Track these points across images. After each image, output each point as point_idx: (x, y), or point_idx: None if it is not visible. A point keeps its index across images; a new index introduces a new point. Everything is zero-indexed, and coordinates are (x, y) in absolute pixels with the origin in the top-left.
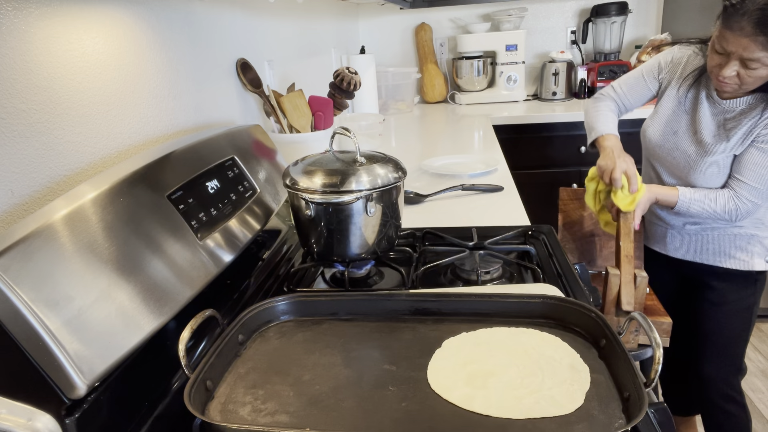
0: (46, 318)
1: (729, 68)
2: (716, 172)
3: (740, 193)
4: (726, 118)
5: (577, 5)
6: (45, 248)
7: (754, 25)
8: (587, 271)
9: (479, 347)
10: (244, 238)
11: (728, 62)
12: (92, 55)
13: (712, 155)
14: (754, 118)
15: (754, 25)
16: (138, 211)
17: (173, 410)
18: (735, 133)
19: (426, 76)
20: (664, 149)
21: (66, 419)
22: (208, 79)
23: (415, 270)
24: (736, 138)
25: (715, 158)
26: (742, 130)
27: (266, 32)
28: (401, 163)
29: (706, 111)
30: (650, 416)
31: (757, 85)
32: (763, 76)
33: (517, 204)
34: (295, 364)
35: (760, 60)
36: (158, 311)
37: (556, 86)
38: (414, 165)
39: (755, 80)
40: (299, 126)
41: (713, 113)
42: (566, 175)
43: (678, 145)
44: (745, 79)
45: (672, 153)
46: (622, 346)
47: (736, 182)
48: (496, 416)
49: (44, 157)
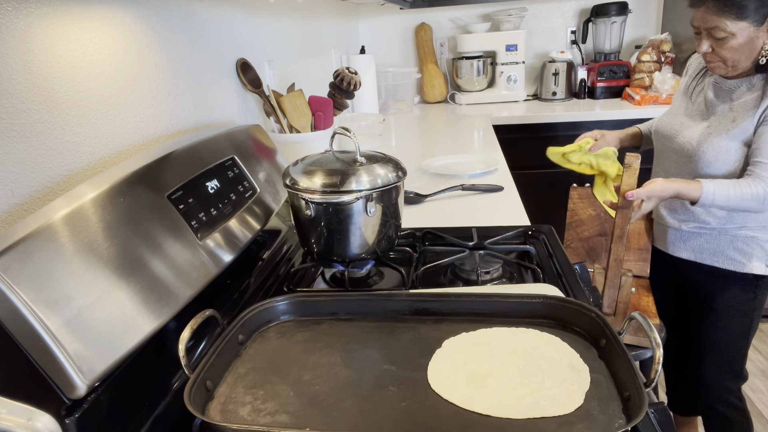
0: (46, 318)
1: (702, 45)
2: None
3: (762, 174)
4: (732, 99)
5: (577, 5)
6: (45, 248)
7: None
8: (587, 271)
9: (479, 347)
10: (244, 238)
11: (700, 39)
12: (92, 55)
13: (718, 137)
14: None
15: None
16: (138, 211)
17: (173, 410)
18: (741, 115)
19: (426, 76)
20: (669, 138)
21: (66, 419)
22: (208, 79)
23: (415, 270)
24: (742, 120)
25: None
26: (748, 112)
27: (266, 32)
28: (401, 163)
29: (712, 96)
30: (650, 416)
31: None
32: (735, 47)
33: (517, 204)
34: (295, 364)
35: (721, 28)
36: (158, 311)
37: (556, 86)
38: (414, 165)
39: (733, 53)
40: (299, 126)
41: (719, 97)
42: (566, 175)
43: (682, 131)
44: (722, 54)
45: (676, 139)
46: (622, 346)
47: (756, 165)
48: (496, 416)
49: (44, 157)
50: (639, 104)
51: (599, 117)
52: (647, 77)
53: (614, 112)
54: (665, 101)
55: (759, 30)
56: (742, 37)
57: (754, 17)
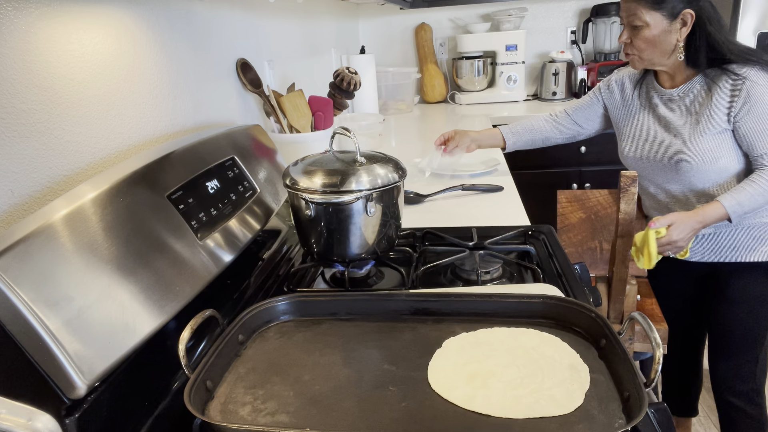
0: (46, 318)
1: (623, 34)
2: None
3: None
4: (685, 104)
5: (577, 5)
6: (45, 248)
7: None
8: (587, 271)
9: (479, 347)
10: (244, 238)
11: (623, 29)
12: (92, 55)
13: (693, 141)
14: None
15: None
16: (138, 211)
17: (173, 410)
18: (703, 113)
19: (426, 76)
20: (644, 160)
21: (66, 419)
22: (208, 79)
23: (415, 270)
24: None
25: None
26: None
27: (266, 32)
28: (401, 163)
29: (662, 106)
30: (650, 416)
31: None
32: (649, 38)
33: (517, 204)
34: (295, 364)
35: (638, 16)
36: (158, 311)
37: (556, 86)
38: (414, 165)
39: (647, 45)
40: (299, 126)
41: (670, 105)
42: (566, 175)
43: (655, 149)
44: (638, 45)
45: (654, 158)
46: (622, 346)
47: (761, 158)
48: (496, 416)
49: (44, 157)
50: None
51: None
52: None
53: None
54: None
55: (672, 25)
56: (656, 29)
57: (668, 10)
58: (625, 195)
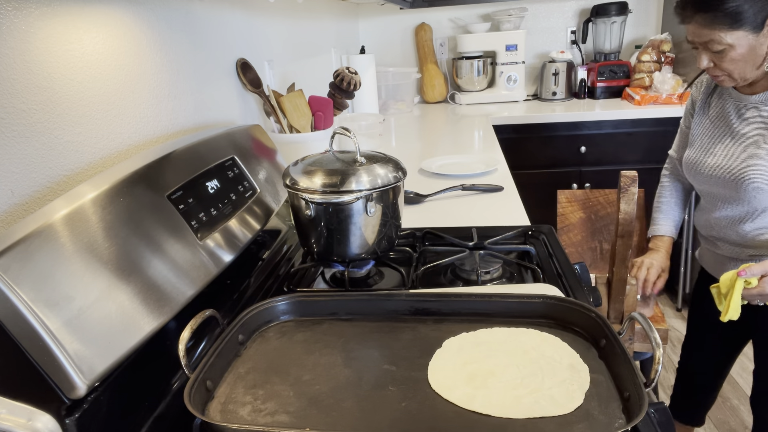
0: (46, 318)
1: (701, 60)
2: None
3: None
4: (762, 115)
5: (577, 5)
6: (45, 248)
7: (691, 8)
8: (587, 271)
9: (479, 347)
10: (244, 238)
11: (699, 55)
12: (92, 55)
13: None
14: None
15: (691, 8)
16: (138, 211)
17: (173, 410)
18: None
19: (426, 76)
20: (702, 174)
21: (66, 419)
22: (208, 79)
23: (415, 270)
24: None
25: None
26: None
27: (266, 32)
28: (401, 163)
29: (736, 115)
30: (650, 416)
31: (745, 69)
32: (735, 58)
33: (517, 204)
34: (295, 364)
35: (716, 41)
36: (158, 311)
37: (556, 86)
38: (414, 165)
39: (736, 65)
40: (299, 126)
41: (746, 114)
42: (566, 175)
43: (717, 162)
44: (725, 67)
45: (715, 173)
46: (622, 346)
47: None
48: (496, 416)
49: (44, 157)
50: (639, 104)
51: (599, 117)
52: (647, 77)
53: (614, 112)
54: (665, 101)
55: (759, 36)
56: (742, 47)
57: (751, 24)
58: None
